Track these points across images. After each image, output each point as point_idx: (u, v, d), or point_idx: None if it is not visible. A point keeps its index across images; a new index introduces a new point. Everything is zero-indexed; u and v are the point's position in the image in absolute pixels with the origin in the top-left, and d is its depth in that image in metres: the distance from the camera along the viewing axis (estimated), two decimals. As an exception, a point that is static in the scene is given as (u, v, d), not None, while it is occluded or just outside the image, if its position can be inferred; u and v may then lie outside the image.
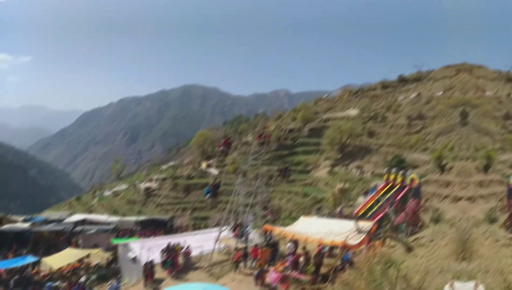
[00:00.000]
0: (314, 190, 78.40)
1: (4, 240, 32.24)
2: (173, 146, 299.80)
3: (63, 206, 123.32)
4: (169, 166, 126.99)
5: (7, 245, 31.22)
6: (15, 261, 25.58)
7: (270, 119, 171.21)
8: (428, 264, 9.72)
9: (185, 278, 21.37)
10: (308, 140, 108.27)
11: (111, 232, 35.68)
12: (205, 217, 73.15)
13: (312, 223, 20.00)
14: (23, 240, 32.87)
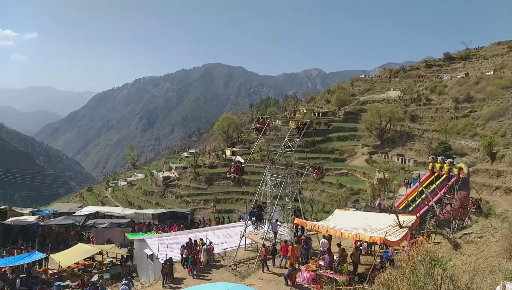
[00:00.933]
0: (350, 181, 78.30)
1: (9, 235, 32.93)
2: (194, 132, 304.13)
3: (73, 198, 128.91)
4: (190, 154, 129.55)
5: (12, 240, 31.93)
6: (20, 257, 25.75)
7: (301, 102, 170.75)
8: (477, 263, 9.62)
9: (207, 277, 21.82)
10: (344, 125, 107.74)
11: (126, 226, 36.07)
12: (229, 210, 74.62)
13: (348, 217, 19.98)
14: (30, 235, 33.31)
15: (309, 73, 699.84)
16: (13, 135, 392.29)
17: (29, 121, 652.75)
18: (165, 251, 23.47)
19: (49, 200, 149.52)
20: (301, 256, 20.24)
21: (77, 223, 35.34)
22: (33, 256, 25.48)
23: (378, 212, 25.20)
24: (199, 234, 27.47)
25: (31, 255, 25.70)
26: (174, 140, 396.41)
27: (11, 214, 44.81)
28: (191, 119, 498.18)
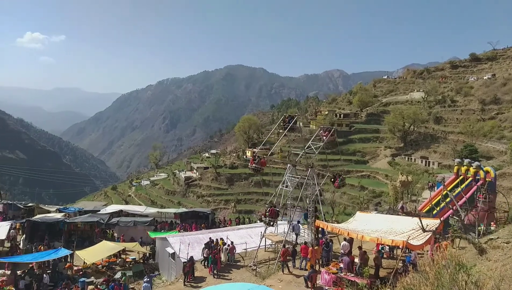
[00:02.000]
0: (372, 183, 77.27)
1: (36, 231, 33.41)
2: (216, 132, 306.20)
3: (98, 196, 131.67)
4: (211, 154, 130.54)
5: (39, 237, 32.46)
6: (47, 254, 26.12)
7: (322, 103, 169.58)
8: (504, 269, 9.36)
9: (227, 277, 21.87)
10: (366, 127, 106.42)
11: (149, 224, 36.33)
12: (250, 211, 74.80)
13: (369, 219, 19.74)
14: (56, 232, 33.87)
15: (330, 74, 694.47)
16: (41, 134, 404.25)
17: (56, 121, 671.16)
18: (187, 250, 23.67)
19: (75, 198, 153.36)
20: (321, 258, 20.09)
21: (102, 221, 35.86)
22: (59, 252, 25.92)
23: (401, 215, 24.79)
24: (219, 233, 27.60)
25: (57, 251, 26.13)
26: (196, 141, 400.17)
27: (38, 211, 46.00)
28: (212, 120, 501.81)
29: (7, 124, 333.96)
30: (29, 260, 25.35)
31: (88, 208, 50.44)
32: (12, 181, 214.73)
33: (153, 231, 35.09)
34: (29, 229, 33.15)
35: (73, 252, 27.52)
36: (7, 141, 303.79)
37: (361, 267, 16.70)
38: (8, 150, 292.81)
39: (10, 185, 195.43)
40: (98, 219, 36.44)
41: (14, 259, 25.85)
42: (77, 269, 26.65)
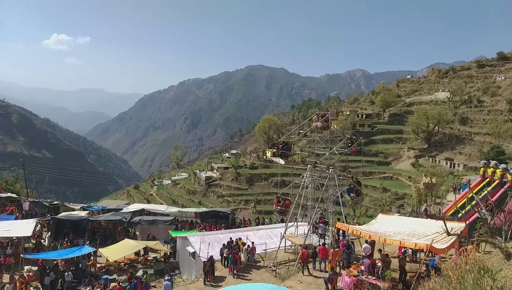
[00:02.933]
0: (394, 185, 76.07)
1: (61, 229, 34.30)
2: (236, 133, 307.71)
3: (121, 195, 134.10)
4: (231, 154, 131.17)
5: (64, 234, 33.32)
6: (71, 251, 26.80)
7: (344, 103, 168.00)
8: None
9: (247, 277, 21.94)
10: (389, 127, 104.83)
11: (170, 223, 36.73)
12: (270, 211, 74.65)
13: (392, 222, 19.42)
14: (80, 229, 34.64)
15: (352, 74, 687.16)
16: (66, 134, 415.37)
17: (81, 121, 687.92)
18: (207, 249, 23.86)
19: (99, 196, 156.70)
20: (342, 261, 19.93)
21: (124, 219, 36.48)
22: (82, 249, 26.57)
23: (424, 218, 24.33)
24: (239, 234, 27.71)
25: (81, 248, 26.80)
26: (216, 141, 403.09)
27: (63, 209, 47.18)
28: (233, 120, 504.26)
29: (34, 124, 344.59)
30: (54, 257, 26.04)
31: (111, 207, 51.42)
32: (38, 179, 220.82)
33: (174, 230, 35.46)
34: (54, 226, 34.02)
35: (96, 249, 28.16)
36: (34, 140, 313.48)
37: (383, 270, 16.48)
38: (35, 149, 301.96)
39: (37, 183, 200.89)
40: (121, 217, 37.09)
41: (39, 255, 26.65)
42: (100, 267, 27.17)
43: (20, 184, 70.07)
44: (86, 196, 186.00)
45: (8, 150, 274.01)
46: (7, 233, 28.55)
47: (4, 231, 28.49)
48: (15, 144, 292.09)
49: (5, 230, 28.59)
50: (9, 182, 70.72)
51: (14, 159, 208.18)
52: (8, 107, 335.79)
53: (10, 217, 36.39)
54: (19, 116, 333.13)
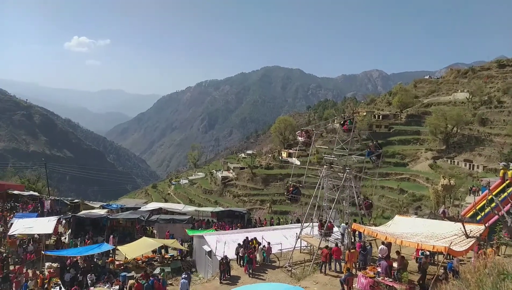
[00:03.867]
0: (412, 186, 74.94)
1: (82, 226, 34.86)
2: (252, 133, 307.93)
3: (139, 194, 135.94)
4: (247, 155, 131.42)
5: (84, 232, 33.83)
6: (91, 248, 27.38)
7: (360, 104, 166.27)
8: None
9: (262, 277, 21.88)
10: (406, 128, 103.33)
11: (187, 222, 37.02)
12: (285, 212, 74.52)
13: (409, 223, 19.13)
14: (100, 227, 35.15)
15: (369, 74, 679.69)
16: (87, 134, 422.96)
17: (101, 121, 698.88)
18: (223, 248, 23.88)
19: (118, 195, 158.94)
20: (358, 262, 19.73)
21: (142, 218, 36.93)
22: (102, 247, 26.97)
23: (443, 220, 23.87)
24: (255, 233, 27.68)
25: (100, 246, 27.21)
26: (232, 141, 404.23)
27: (83, 207, 48.03)
28: (249, 121, 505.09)
29: (56, 124, 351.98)
30: (74, 254, 26.53)
31: (130, 205, 52.12)
32: (59, 178, 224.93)
33: (191, 229, 35.69)
34: (75, 224, 34.65)
35: (115, 247, 28.62)
36: (55, 140, 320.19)
37: (400, 272, 16.24)
38: (57, 149, 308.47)
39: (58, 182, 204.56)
40: (139, 216, 37.52)
41: (60, 252, 27.19)
42: (118, 264, 27.56)
43: (42, 182, 71.63)
44: (105, 195, 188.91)
45: (31, 150, 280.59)
46: (29, 230, 29.23)
47: (26, 228, 29.18)
48: (38, 144, 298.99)
49: (27, 227, 29.27)
50: (31, 181, 72.41)
51: (36, 158, 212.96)
52: (31, 107, 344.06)
53: (32, 215, 37.25)
54: (41, 116, 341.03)
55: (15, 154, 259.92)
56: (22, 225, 29.64)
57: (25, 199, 50.58)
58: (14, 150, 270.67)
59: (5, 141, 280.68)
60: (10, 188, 54.49)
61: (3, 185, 54.72)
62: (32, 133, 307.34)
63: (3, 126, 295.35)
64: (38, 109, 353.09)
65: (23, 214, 37.70)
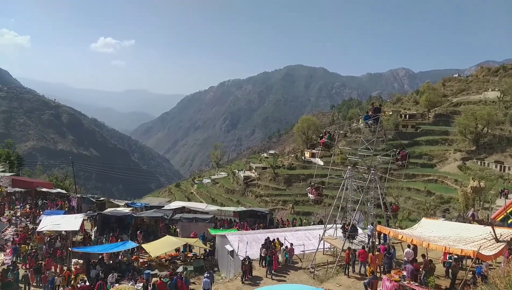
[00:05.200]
0: (439, 188, 73.10)
1: (107, 224, 35.61)
2: (274, 133, 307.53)
3: (163, 192, 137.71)
4: (270, 154, 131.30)
5: (109, 229, 34.54)
6: (116, 245, 27.89)
7: (386, 103, 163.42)
8: None
9: (285, 278, 21.86)
10: (434, 128, 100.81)
11: (209, 221, 37.17)
12: (308, 213, 74.07)
13: (436, 226, 18.67)
14: (124, 225, 35.73)
15: (395, 73, 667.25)
16: (112, 133, 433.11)
17: (126, 121, 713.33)
18: (245, 248, 23.99)
19: (142, 193, 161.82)
20: (383, 265, 19.43)
21: (166, 217, 37.39)
22: (126, 245, 27.55)
23: (472, 223, 23.21)
24: (277, 234, 27.64)
25: (125, 243, 27.78)
26: (254, 141, 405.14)
27: (108, 205, 49.06)
28: (271, 121, 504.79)
29: (83, 123, 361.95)
30: (99, 251, 27.20)
31: (154, 204, 52.86)
32: (86, 176, 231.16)
33: (213, 228, 35.95)
34: (100, 221, 35.49)
35: (139, 245, 29.11)
36: (82, 139, 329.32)
37: (426, 276, 15.91)
38: (83, 148, 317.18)
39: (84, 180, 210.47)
40: (163, 214, 38.02)
41: (86, 249, 27.92)
42: (142, 262, 27.99)
43: (69, 180, 73.78)
44: (130, 193, 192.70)
45: (59, 148, 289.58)
46: (57, 227, 30.17)
47: (54, 225, 30.15)
48: (65, 143, 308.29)
49: (55, 224, 30.23)
50: (59, 179, 74.70)
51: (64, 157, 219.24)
52: (59, 107, 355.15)
53: (59, 212, 38.40)
54: (69, 116, 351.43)
55: (44, 152, 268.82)
56: (50, 222, 30.62)
57: (53, 197, 52.17)
58: (43, 149, 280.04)
59: (34, 140, 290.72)
60: (39, 185, 56.33)
61: (32, 183, 56.62)
62: (60, 132, 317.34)
63: (33, 125, 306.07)
64: (66, 108, 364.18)
65: (51, 211, 38.87)
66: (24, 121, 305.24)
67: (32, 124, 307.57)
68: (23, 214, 41.17)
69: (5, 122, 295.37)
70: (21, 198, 50.13)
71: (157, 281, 20.27)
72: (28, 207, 44.47)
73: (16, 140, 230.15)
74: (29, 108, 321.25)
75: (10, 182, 53.19)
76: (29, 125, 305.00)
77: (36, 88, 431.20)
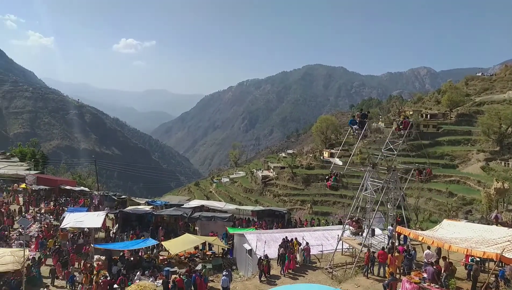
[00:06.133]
0: (462, 189, 71.46)
1: (128, 222, 36.24)
2: (293, 133, 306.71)
3: (182, 191, 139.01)
4: (288, 154, 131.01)
5: (130, 227, 35.12)
6: (136, 243, 28.51)
7: (406, 102, 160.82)
8: None
9: (302, 278, 21.78)
10: (456, 128, 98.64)
11: (228, 220, 37.27)
12: (326, 213, 73.55)
13: (458, 228, 18.28)
14: (145, 223, 36.33)
15: (416, 72, 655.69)
16: (134, 133, 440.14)
17: (147, 120, 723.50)
18: (263, 247, 23.97)
19: (162, 192, 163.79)
20: (403, 267, 19.15)
21: (185, 215, 37.78)
22: (147, 242, 28.02)
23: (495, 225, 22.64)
24: (295, 234, 27.55)
25: (145, 241, 28.25)
26: (273, 141, 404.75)
27: (130, 203, 49.80)
28: (289, 120, 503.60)
29: (105, 123, 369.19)
30: (121, 247, 27.71)
31: (173, 202, 53.28)
32: (108, 174, 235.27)
33: (231, 227, 36.10)
34: (122, 219, 36.12)
35: (159, 242, 29.54)
36: (104, 138, 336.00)
37: (447, 278, 15.60)
38: (105, 147, 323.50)
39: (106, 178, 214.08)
40: (182, 213, 38.39)
41: (108, 246, 28.48)
42: (162, 259, 28.39)
43: (92, 178, 75.31)
44: (150, 191, 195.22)
45: (82, 147, 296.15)
46: (80, 224, 30.93)
47: (77, 222, 30.89)
48: (88, 142, 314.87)
49: (78, 221, 30.98)
50: (82, 177, 76.33)
51: (87, 156, 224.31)
52: (82, 107, 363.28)
53: (82, 209, 39.24)
54: (92, 115, 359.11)
55: (68, 151, 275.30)
56: (73, 219, 31.37)
57: (76, 194, 53.30)
58: (67, 148, 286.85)
59: (59, 139, 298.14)
60: (63, 183, 57.65)
61: (56, 181, 57.99)
62: (83, 132, 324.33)
63: (57, 124, 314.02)
64: (89, 108, 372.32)
65: (74, 209, 39.74)
66: (48, 121, 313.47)
67: (57, 123, 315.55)
68: (47, 211, 42.20)
69: (31, 121, 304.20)
70: (45, 196, 51.39)
71: (176, 278, 20.49)
72: (52, 204, 45.56)
73: (41, 139, 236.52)
74: (54, 108, 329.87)
75: (35, 180, 54.50)
76: (53, 125, 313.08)
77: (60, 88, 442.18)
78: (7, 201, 45.85)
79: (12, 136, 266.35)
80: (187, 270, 22.35)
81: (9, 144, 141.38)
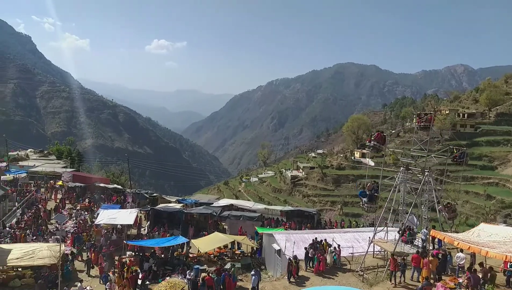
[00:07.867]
0: (501, 192, 68.67)
1: (159, 219, 37.25)
2: (322, 132, 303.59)
3: (212, 190, 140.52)
4: (318, 154, 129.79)
5: (161, 224, 36.09)
6: (167, 240, 28.92)
7: (442, 101, 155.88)
8: None
9: (332, 280, 21.55)
10: (495, 128, 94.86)
11: (257, 220, 37.59)
12: (357, 214, 72.36)
13: (496, 232, 17.52)
14: (175, 221, 37.02)
15: (453, 69, 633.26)
16: (165, 132, 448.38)
17: (177, 120, 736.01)
18: (292, 248, 23.87)
19: (192, 190, 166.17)
20: (437, 271, 18.56)
21: (215, 213, 38.29)
22: (177, 239, 28.46)
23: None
24: (325, 235, 27.26)
25: (176, 238, 28.68)
26: (302, 140, 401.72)
27: (161, 201, 50.97)
28: (319, 120, 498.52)
29: (138, 122, 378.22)
30: (152, 244, 28.33)
31: (203, 201, 54.03)
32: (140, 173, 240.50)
33: (260, 226, 36.13)
34: (153, 216, 36.94)
35: (189, 240, 29.99)
36: (137, 137, 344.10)
37: (487, 284, 14.99)
38: (138, 146, 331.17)
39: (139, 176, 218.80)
40: (211, 211, 38.89)
41: (140, 243, 29.17)
42: (192, 257, 28.81)
43: (125, 177, 77.23)
44: (181, 190, 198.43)
45: (115, 146, 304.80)
46: (113, 220, 31.95)
47: (110, 218, 31.95)
48: (121, 141, 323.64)
49: (111, 218, 32.04)
50: (115, 175, 78.48)
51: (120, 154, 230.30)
52: (116, 107, 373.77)
53: (115, 206, 40.39)
54: (125, 115, 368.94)
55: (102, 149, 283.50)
56: (107, 215, 32.47)
57: (109, 192, 54.85)
58: (101, 146, 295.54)
59: (93, 137, 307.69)
60: (97, 181, 59.44)
61: (91, 178, 59.87)
62: (117, 131, 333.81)
63: (92, 124, 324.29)
64: (122, 108, 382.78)
65: (108, 206, 41.00)
66: (84, 120, 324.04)
67: (92, 123, 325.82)
68: (83, 208, 43.67)
69: (68, 120, 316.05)
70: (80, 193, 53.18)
71: (205, 277, 20.72)
72: (87, 201, 47.09)
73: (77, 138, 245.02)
74: (89, 108, 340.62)
75: (71, 177, 56.49)
76: (88, 124, 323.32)
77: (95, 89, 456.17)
78: (45, 198, 47.77)
79: (49, 135, 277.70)
80: (217, 268, 22.56)
81: (47, 143, 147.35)
